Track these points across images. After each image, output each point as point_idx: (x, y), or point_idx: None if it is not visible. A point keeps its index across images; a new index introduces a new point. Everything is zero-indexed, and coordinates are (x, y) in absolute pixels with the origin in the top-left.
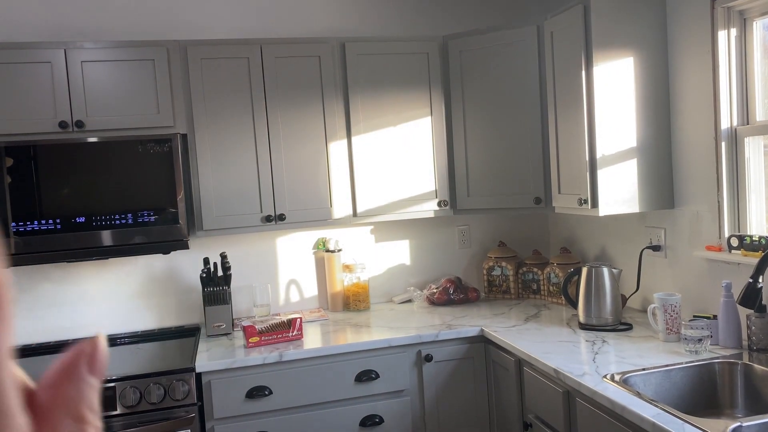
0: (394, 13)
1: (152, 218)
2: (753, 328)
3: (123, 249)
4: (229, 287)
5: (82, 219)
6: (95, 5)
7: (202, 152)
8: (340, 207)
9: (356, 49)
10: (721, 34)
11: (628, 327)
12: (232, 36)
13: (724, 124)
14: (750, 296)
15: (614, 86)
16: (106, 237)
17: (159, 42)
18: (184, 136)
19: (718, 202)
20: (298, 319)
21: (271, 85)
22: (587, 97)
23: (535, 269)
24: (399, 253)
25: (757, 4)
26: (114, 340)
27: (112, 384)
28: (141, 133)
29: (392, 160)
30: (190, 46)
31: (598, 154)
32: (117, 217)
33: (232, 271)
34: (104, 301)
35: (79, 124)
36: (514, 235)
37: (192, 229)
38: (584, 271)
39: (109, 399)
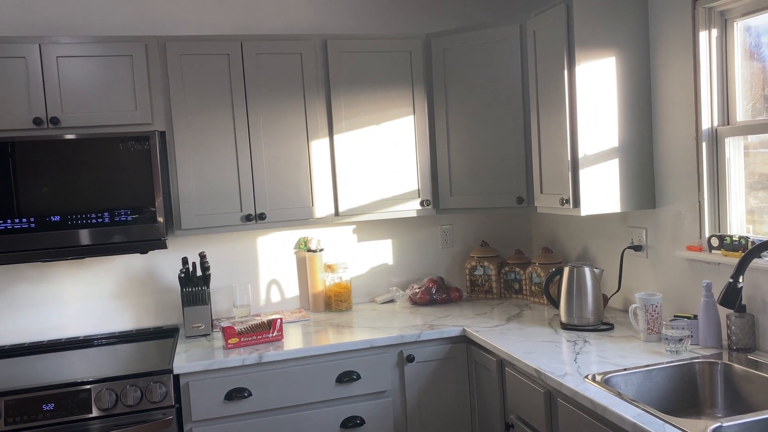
0: (377, 11)
1: (130, 217)
2: (733, 328)
3: (100, 248)
4: (208, 287)
5: (57, 218)
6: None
7: (181, 150)
8: (322, 206)
9: (338, 47)
10: (702, 35)
11: (610, 327)
12: (212, 32)
13: (705, 124)
14: (730, 296)
15: (596, 86)
16: (83, 236)
17: (137, 37)
18: (162, 134)
19: (699, 202)
20: (279, 320)
21: (251, 82)
22: (569, 96)
23: (518, 269)
24: (381, 252)
25: (738, 5)
26: (90, 341)
27: (87, 386)
28: (118, 130)
29: (375, 158)
30: (169, 42)
31: (580, 154)
32: (94, 215)
33: (211, 271)
34: (81, 301)
35: (54, 121)
36: (497, 234)
37: (170, 229)
38: (566, 271)
39: (84, 401)
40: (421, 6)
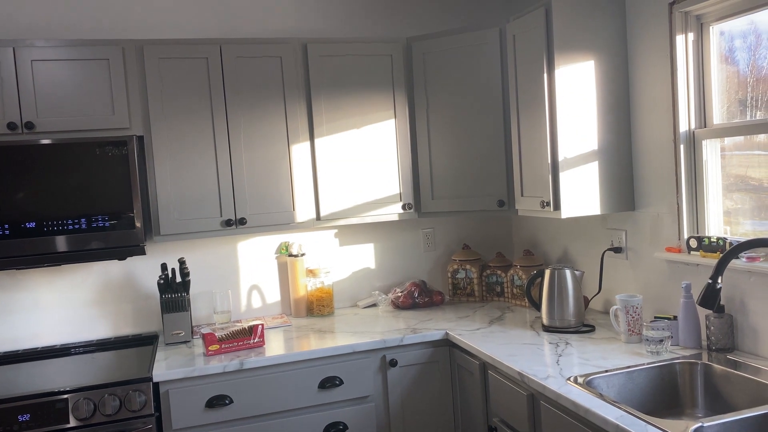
0: (358, 15)
1: (107, 223)
2: (712, 328)
3: (76, 255)
4: (187, 294)
5: (33, 224)
6: (46, 2)
7: (160, 155)
8: (303, 210)
9: (319, 50)
10: (679, 39)
11: (591, 329)
12: (192, 36)
13: (683, 127)
14: (709, 297)
15: (576, 89)
16: (59, 242)
17: (114, 41)
18: (140, 138)
19: (677, 203)
20: (260, 326)
21: (231, 85)
22: (549, 99)
23: (499, 272)
24: (363, 256)
25: (714, 9)
26: (67, 350)
27: (64, 396)
28: (95, 135)
29: (356, 162)
30: (146, 46)
31: (560, 157)
32: (70, 222)
33: (191, 277)
34: (57, 309)
35: (29, 126)
36: (479, 237)
37: (149, 234)
38: (547, 273)
39: (61, 411)
40: (401, 10)
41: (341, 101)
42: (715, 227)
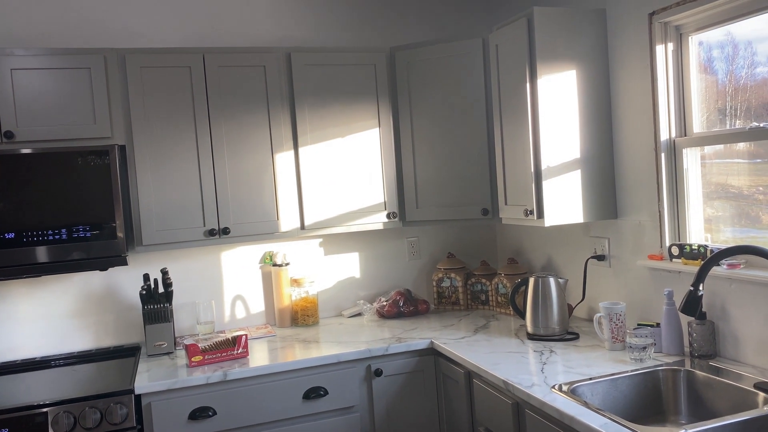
0: (342, 24)
1: (89, 233)
2: (694, 335)
3: (57, 266)
4: (170, 304)
5: (12, 235)
6: (26, 10)
7: (142, 164)
8: (288, 219)
9: (303, 60)
10: (659, 49)
11: (575, 336)
12: (174, 44)
13: (664, 135)
14: (691, 304)
15: (558, 98)
16: (39, 253)
17: (95, 50)
18: (122, 148)
19: (659, 211)
20: (244, 336)
21: (214, 94)
22: (532, 109)
23: (484, 280)
24: (348, 265)
25: (692, 20)
26: (47, 362)
27: (44, 409)
28: (76, 144)
29: (340, 171)
30: (128, 54)
31: (543, 166)
32: (50, 232)
33: (174, 287)
34: (37, 320)
35: (9, 135)
36: (463, 246)
37: (131, 245)
38: (531, 281)
39: (40, 425)
40: (385, 20)
41: (325, 110)
42: (696, 235)
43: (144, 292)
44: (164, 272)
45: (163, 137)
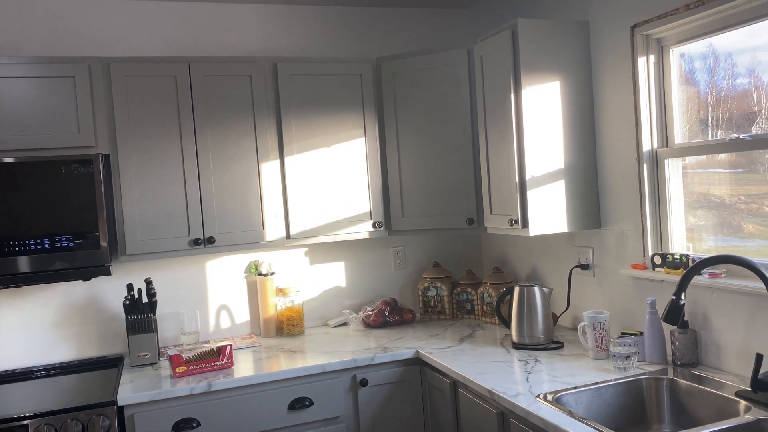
0: (328, 35)
1: (72, 243)
2: (677, 343)
3: (39, 276)
4: (154, 314)
5: None
6: (11, 19)
7: (126, 173)
8: (273, 229)
9: (289, 69)
10: (641, 61)
11: (560, 345)
12: (160, 53)
13: (646, 146)
14: (673, 313)
15: (542, 109)
16: (21, 263)
17: (80, 58)
18: (106, 157)
19: (642, 221)
20: (228, 347)
21: (199, 104)
22: (516, 119)
23: (469, 289)
24: (334, 275)
25: (673, 33)
26: (29, 374)
27: (24, 422)
28: (60, 153)
29: (326, 180)
30: (113, 63)
31: (528, 176)
32: (33, 241)
33: (158, 297)
34: (18, 331)
35: None
36: (449, 255)
37: (114, 254)
38: (516, 290)
39: None
40: (370, 30)
41: (311, 120)
42: (679, 244)
43: (128, 302)
44: (148, 282)
45: (148, 146)
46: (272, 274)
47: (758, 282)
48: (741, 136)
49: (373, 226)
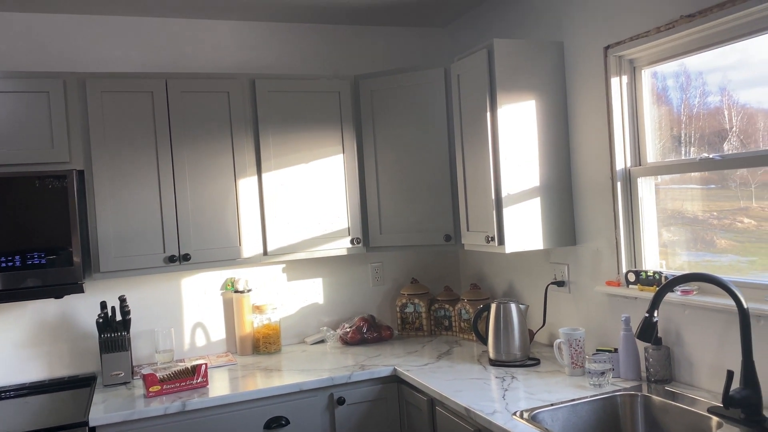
0: (307, 52)
1: (44, 260)
2: (651, 360)
3: (9, 294)
4: (128, 332)
5: None
6: None
7: (101, 189)
8: (250, 245)
9: (267, 86)
10: (614, 81)
11: (536, 362)
12: (137, 69)
13: (619, 165)
14: (646, 330)
15: (518, 127)
16: None
17: (55, 73)
18: (81, 173)
19: (616, 238)
20: (203, 365)
21: (176, 120)
22: (492, 137)
23: (447, 305)
24: (312, 291)
25: (645, 54)
26: None
27: None
28: (33, 168)
29: (304, 197)
30: (89, 79)
31: (504, 193)
32: (3, 259)
33: (132, 315)
34: None
35: None
36: (426, 271)
37: (88, 271)
38: (493, 307)
39: None
40: (349, 48)
41: (289, 136)
42: (652, 261)
43: (101, 320)
44: (122, 299)
45: (123, 162)
46: (249, 291)
47: (729, 299)
48: (711, 156)
49: (351, 242)
